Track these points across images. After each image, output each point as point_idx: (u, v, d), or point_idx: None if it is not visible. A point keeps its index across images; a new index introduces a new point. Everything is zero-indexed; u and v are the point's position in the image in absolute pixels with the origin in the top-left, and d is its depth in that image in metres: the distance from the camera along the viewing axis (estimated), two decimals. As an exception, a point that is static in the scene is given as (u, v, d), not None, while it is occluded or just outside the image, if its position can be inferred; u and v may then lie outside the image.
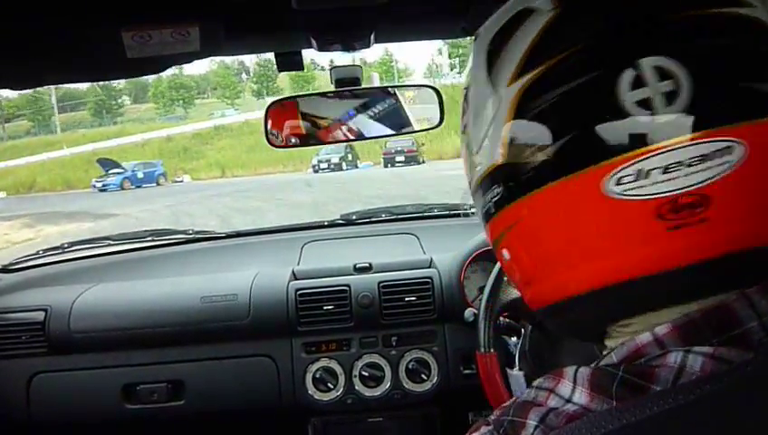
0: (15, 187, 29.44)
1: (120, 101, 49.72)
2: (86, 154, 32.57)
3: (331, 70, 1.13)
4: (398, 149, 22.24)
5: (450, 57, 38.08)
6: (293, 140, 1.23)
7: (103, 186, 24.46)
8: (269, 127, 1.21)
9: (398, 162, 22.33)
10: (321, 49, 0.97)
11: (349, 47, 1.00)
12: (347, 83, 1.13)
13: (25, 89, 1.00)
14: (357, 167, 23.67)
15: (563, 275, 0.45)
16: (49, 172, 31.16)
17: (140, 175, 25.47)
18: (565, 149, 0.42)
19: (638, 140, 0.39)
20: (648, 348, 0.42)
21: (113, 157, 28.92)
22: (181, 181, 27.49)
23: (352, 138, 1.24)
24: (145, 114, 46.72)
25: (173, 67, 0.95)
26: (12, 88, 0.95)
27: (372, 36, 0.96)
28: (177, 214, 12.77)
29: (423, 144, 23.30)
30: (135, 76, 0.91)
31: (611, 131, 0.40)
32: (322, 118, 1.21)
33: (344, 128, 1.22)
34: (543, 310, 0.49)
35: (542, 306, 0.49)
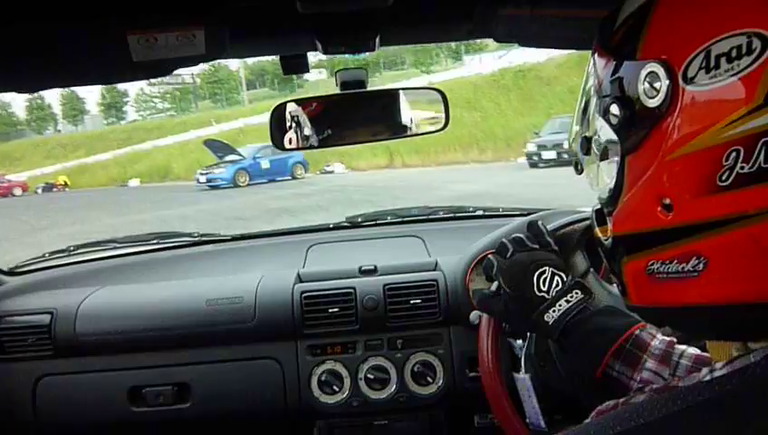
0: (150, 173, 24.77)
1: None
2: (232, 132, 26.50)
3: (336, 73, 1.13)
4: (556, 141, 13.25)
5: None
6: (301, 143, 1.24)
7: (209, 181, 17.44)
8: (275, 129, 1.22)
9: (546, 160, 13.67)
10: (325, 52, 0.97)
11: (354, 50, 1.00)
12: (352, 86, 1.13)
13: (30, 92, 1.01)
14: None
15: None
16: (188, 156, 24.96)
17: (265, 164, 17.71)
18: None
19: None
20: None
21: (262, 135, 20.82)
22: (331, 172, 19.84)
23: (360, 140, 1.25)
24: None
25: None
26: (17, 91, 0.96)
27: (377, 39, 0.96)
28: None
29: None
30: (139, 79, 0.92)
31: None
32: (329, 120, 1.21)
33: (351, 130, 1.22)
34: (719, 308, 0.44)
35: (725, 302, 0.44)
